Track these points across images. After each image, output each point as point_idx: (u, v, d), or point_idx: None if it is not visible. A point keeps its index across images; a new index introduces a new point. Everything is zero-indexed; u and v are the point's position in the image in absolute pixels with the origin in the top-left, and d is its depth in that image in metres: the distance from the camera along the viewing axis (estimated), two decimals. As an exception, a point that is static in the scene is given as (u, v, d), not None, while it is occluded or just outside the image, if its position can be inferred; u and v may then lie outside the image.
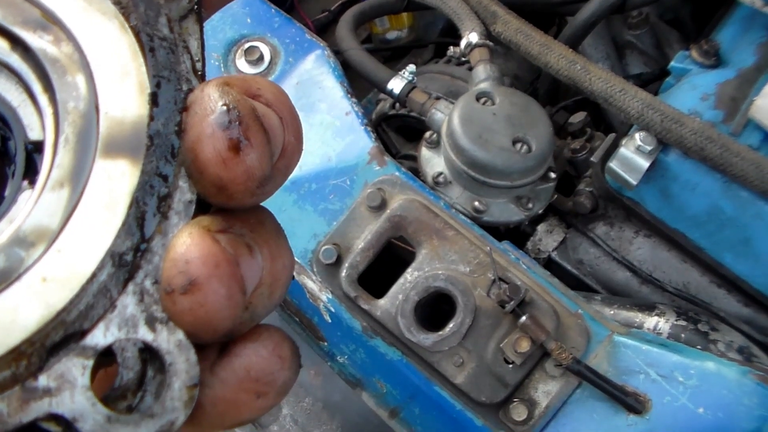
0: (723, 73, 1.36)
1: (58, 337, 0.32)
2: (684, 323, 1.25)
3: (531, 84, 1.80)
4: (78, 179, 0.35)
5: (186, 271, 0.34)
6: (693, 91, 1.34)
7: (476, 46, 1.43)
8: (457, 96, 1.55)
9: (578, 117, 1.53)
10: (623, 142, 1.29)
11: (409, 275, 1.24)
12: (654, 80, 1.64)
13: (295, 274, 1.29)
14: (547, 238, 1.43)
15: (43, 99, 0.39)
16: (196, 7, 0.41)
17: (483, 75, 1.39)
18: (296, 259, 1.29)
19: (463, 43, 1.45)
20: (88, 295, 0.33)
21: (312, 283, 1.28)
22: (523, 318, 1.16)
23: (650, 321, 1.28)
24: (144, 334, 0.34)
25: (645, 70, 1.71)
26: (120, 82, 0.37)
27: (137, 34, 0.39)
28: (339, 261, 1.26)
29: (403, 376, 1.25)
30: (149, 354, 0.34)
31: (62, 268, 0.33)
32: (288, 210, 1.30)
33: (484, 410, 1.19)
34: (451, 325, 1.21)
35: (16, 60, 0.39)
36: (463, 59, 1.47)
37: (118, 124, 0.36)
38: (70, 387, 0.32)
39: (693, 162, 1.27)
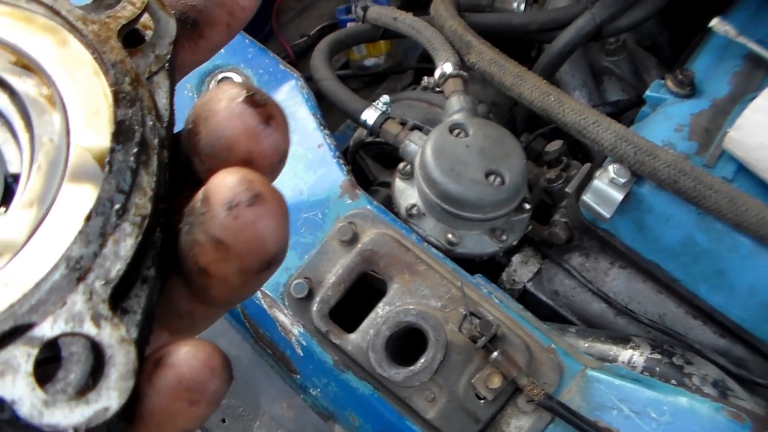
0: (697, 103, 1.36)
1: (8, 326, 0.34)
2: (659, 356, 1.24)
3: (509, 110, 1.79)
4: (45, 200, 0.39)
5: (251, 187, 0.38)
6: (667, 122, 1.34)
7: (450, 76, 1.42)
8: (435, 124, 1.55)
9: (554, 146, 1.52)
10: (597, 174, 1.28)
11: (381, 310, 1.23)
12: (631, 107, 1.64)
13: (266, 307, 1.28)
14: (522, 269, 1.43)
15: (23, 136, 0.43)
16: (166, 65, 0.45)
17: (457, 106, 1.39)
18: (268, 292, 1.28)
19: (437, 73, 1.44)
20: (40, 291, 0.35)
21: (284, 317, 1.27)
22: (495, 353, 1.15)
23: (625, 354, 1.27)
24: (89, 329, 0.35)
25: (623, 96, 1.71)
26: (90, 119, 0.42)
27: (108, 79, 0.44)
28: (310, 295, 1.25)
29: (375, 410, 1.24)
30: (92, 348, 0.36)
31: (22, 274, 0.36)
32: (259, 243, 1.29)
33: (456, 447, 1.18)
34: (422, 360, 1.19)
35: (2, 102, 0.44)
36: (437, 89, 1.46)
37: (85, 153, 0.40)
38: (12, 372, 0.34)
39: (667, 194, 1.26)
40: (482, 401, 1.18)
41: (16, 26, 0.45)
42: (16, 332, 0.35)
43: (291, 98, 1.40)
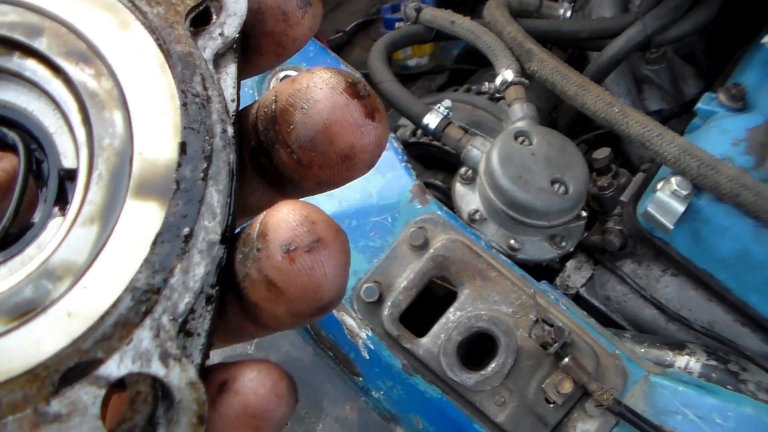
0: (752, 117, 1.40)
1: (73, 363, 0.33)
2: (714, 363, 1.29)
3: (548, 114, 1.82)
4: (108, 217, 0.37)
5: (313, 231, 0.36)
6: (723, 136, 1.38)
7: (512, 83, 1.44)
8: (480, 126, 1.57)
9: (603, 153, 1.55)
10: (659, 186, 1.32)
11: (452, 315, 1.25)
12: (672, 117, 1.68)
13: (334, 311, 1.30)
14: (576, 274, 1.46)
15: (80, 131, 0.40)
16: (235, 45, 0.43)
17: (520, 114, 1.41)
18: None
19: (498, 80, 1.46)
20: (105, 325, 0.34)
21: (351, 320, 1.29)
22: (566, 360, 1.19)
23: (681, 360, 1.31)
24: (157, 369, 0.34)
25: (662, 104, 1.75)
26: (156, 123, 0.39)
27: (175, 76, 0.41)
28: (380, 299, 1.26)
29: (442, 413, 1.26)
30: (161, 389, 0.35)
31: (86, 303, 0.34)
32: (329, 246, 1.30)
33: (526, 450, 1.21)
34: (493, 365, 1.22)
35: (56, 88, 0.41)
36: (498, 95, 1.48)
37: (150, 165, 0.38)
38: (80, 415, 0.33)
39: (725, 206, 1.30)
40: (551, 405, 1.21)
41: (71, 2, 0.42)
42: (81, 369, 0.34)
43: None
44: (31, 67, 0.41)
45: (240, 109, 0.44)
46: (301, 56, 1.46)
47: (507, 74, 1.45)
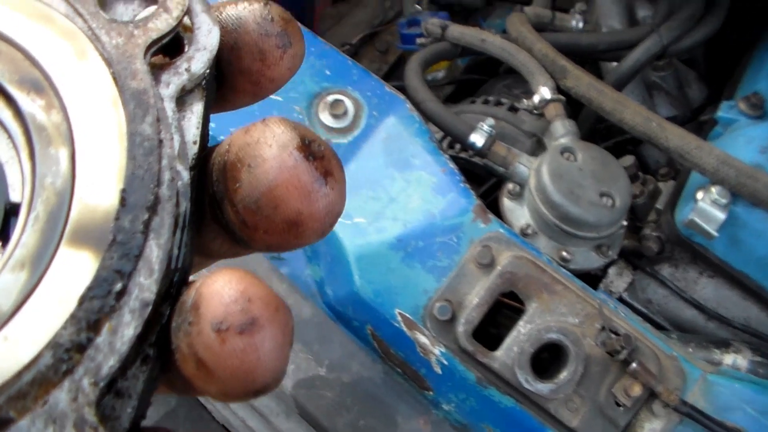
0: (774, 125, 1.50)
1: None
2: (760, 359, 1.39)
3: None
4: (38, 263, 0.34)
5: (247, 309, 0.33)
6: (750, 144, 1.47)
7: (550, 101, 1.50)
8: (504, 137, 1.63)
9: (628, 161, 1.63)
10: (699, 195, 1.40)
11: (522, 328, 1.31)
12: (685, 123, 1.77)
13: (405, 329, 1.34)
14: (618, 280, 1.54)
15: (27, 165, 0.38)
16: (203, 83, 0.40)
17: (562, 130, 1.47)
18: (408, 314, 1.33)
19: (536, 98, 1.52)
20: (21, 382, 0.31)
21: (424, 338, 1.33)
22: (633, 364, 1.26)
23: (728, 358, 1.40)
24: None
25: (672, 110, 1.84)
26: (100, 166, 0.36)
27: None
28: (453, 317, 1.31)
29: (516, 422, 1.32)
30: None
31: (4, 355, 0.32)
32: (397, 268, 1.34)
33: (600, 451, 1.29)
34: (564, 373, 1.29)
35: (8, 117, 0.38)
36: (535, 112, 1.54)
37: (89, 212, 0.35)
38: None
39: (760, 211, 1.39)
40: (621, 408, 1.28)
41: (29, 24, 0.39)
42: None
43: (404, 121, 1.44)
44: None
45: (209, 148, 0.41)
46: (347, 79, 1.48)
47: (544, 92, 1.51)
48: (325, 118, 1.45)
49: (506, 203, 1.47)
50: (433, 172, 1.40)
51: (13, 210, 0.38)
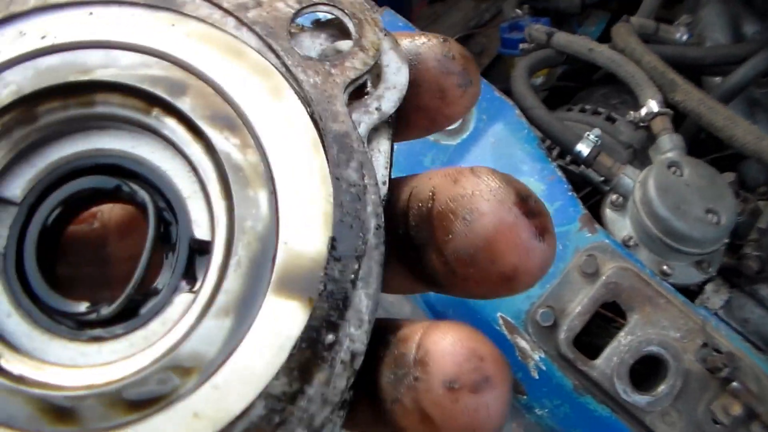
0: None
1: None
2: None
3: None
4: (245, 311, 0.34)
5: (480, 368, 0.33)
6: None
7: (658, 114, 1.51)
8: (601, 147, 1.63)
9: (729, 177, 1.63)
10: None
11: (623, 339, 1.32)
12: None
13: (507, 333, 1.36)
14: (715, 297, 1.54)
15: (219, 204, 0.37)
16: (390, 120, 0.39)
17: (669, 144, 1.48)
18: (509, 319, 1.36)
19: (643, 111, 1.53)
20: None
21: (524, 343, 1.35)
22: (735, 383, 1.27)
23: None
24: None
25: (771, 127, 1.82)
26: (304, 211, 0.35)
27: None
28: (555, 323, 1.33)
29: (610, 431, 1.34)
30: None
31: (215, 405, 0.32)
32: (501, 271, 1.36)
33: (696, 467, 1.30)
34: (663, 387, 1.30)
35: (195, 152, 0.38)
36: (642, 125, 1.55)
37: (295, 259, 0.34)
38: None
39: None
40: (718, 426, 1.29)
41: (220, 58, 0.38)
42: None
43: (513, 127, 1.46)
44: (171, 126, 0.39)
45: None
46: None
47: (652, 105, 1.51)
48: (434, 119, 1.48)
49: (609, 214, 1.48)
50: (542, 180, 1.42)
51: (200, 248, 0.37)
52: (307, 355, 0.33)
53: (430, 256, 0.39)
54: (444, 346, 0.34)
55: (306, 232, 0.35)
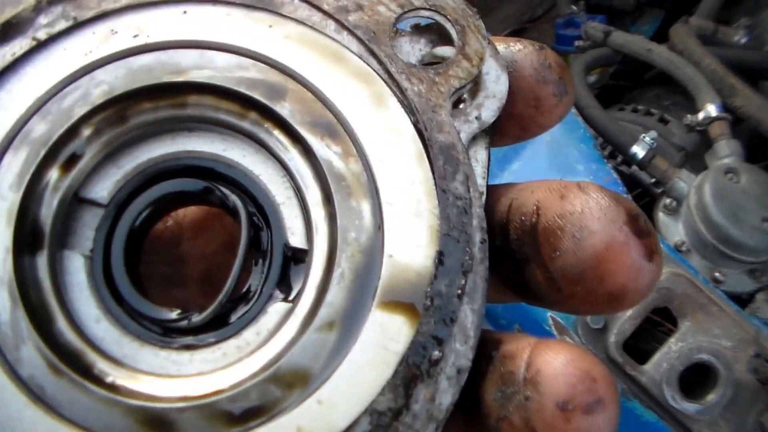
0: None
1: None
2: None
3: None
4: (349, 325, 0.33)
5: (593, 390, 0.33)
6: None
7: (716, 119, 1.49)
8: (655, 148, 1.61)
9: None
10: None
11: (673, 345, 1.31)
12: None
13: (556, 333, 1.35)
14: (766, 306, 1.52)
15: (317, 212, 0.36)
16: (488, 127, 0.39)
17: (727, 150, 1.46)
18: (560, 320, 1.35)
19: (701, 114, 1.51)
20: None
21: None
22: (786, 396, 1.25)
23: None
24: None
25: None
26: (409, 223, 0.34)
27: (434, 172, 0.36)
28: (605, 326, 1.32)
29: (656, 437, 1.33)
30: None
31: (319, 420, 0.31)
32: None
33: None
34: (712, 395, 1.29)
35: (292, 158, 0.37)
36: (698, 128, 1.53)
37: (401, 272, 0.33)
38: None
39: None
40: (767, 438, 1.28)
41: (320, 63, 0.37)
42: None
43: (569, 126, 1.44)
44: (267, 130, 0.38)
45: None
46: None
47: (711, 109, 1.49)
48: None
49: (662, 218, 1.47)
50: (597, 181, 1.39)
51: (295, 256, 0.37)
52: (413, 371, 0.33)
53: (533, 272, 0.38)
54: (556, 366, 0.34)
55: (411, 245, 0.34)
